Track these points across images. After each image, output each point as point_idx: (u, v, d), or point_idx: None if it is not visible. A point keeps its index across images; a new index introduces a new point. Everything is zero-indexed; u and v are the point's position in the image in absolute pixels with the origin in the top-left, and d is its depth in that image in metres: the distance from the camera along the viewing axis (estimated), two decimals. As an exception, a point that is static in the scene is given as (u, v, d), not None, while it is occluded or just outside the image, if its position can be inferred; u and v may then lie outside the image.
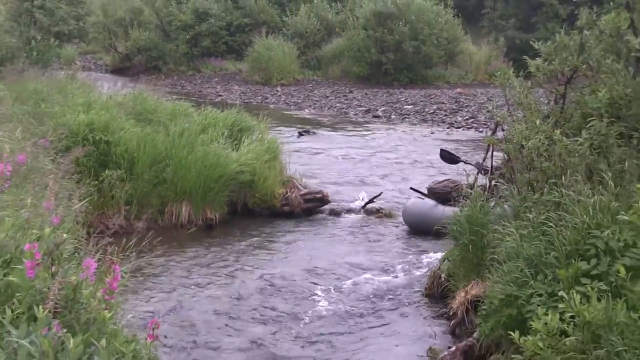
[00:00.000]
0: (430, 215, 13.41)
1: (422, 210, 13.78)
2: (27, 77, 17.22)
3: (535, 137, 9.41)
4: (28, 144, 9.66)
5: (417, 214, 13.85)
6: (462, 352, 8.83)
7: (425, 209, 13.73)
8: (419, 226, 13.65)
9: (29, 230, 4.88)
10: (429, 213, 13.50)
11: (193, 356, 9.07)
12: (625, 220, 7.38)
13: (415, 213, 13.89)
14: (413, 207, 14.07)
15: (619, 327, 6.39)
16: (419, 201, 14.12)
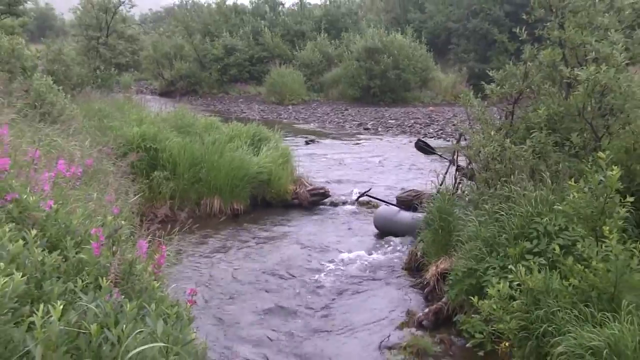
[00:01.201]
0: (395, 220, 12.80)
1: (389, 216, 12.98)
2: (93, 98, 17.23)
3: (490, 145, 9.42)
4: (94, 151, 9.66)
5: (385, 219, 13.03)
6: (434, 313, 8.84)
7: (392, 214, 12.96)
8: (388, 229, 12.95)
9: (95, 218, 4.88)
10: (394, 218, 12.83)
11: (222, 315, 9.08)
12: (560, 209, 7.39)
13: (384, 218, 13.07)
14: (382, 213, 13.20)
15: (554, 292, 6.43)
16: (387, 208, 13.29)
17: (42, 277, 3.21)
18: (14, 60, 12.86)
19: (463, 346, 8.05)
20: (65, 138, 9.45)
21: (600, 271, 6.26)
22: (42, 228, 3.94)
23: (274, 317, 9.13)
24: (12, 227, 3.31)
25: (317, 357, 8.10)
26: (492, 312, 6.57)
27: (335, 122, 29.98)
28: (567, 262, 6.47)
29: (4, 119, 6.85)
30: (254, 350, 8.16)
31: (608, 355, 5.75)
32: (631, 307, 6.13)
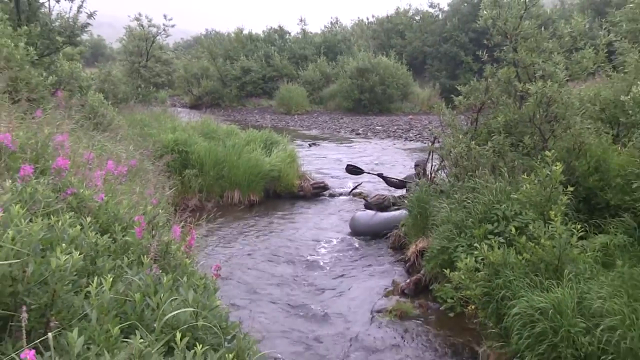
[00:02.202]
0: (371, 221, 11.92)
1: (365, 219, 12.02)
2: (135, 111, 17.25)
3: (459, 146, 9.42)
4: (137, 153, 9.68)
5: (362, 223, 11.99)
6: (414, 283, 8.86)
7: (368, 217, 12.01)
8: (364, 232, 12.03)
9: (137, 208, 4.89)
10: (370, 221, 11.90)
11: (241, 285, 9.11)
12: (515, 198, 7.43)
13: (360, 222, 12.00)
14: (354, 217, 12.24)
15: (510, 265, 6.43)
16: (363, 212, 12.33)
17: (95, 255, 3.23)
18: (73, 81, 12.86)
19: (437, 309, 8.07)
20: (113, 143, 9.47)
21: (547, 247, 6.28)
22: (96, 216, 3.96)
23: (283, 286, 9.16)
24: (71, 215, 3.32)
25: (319, 316, 8.13)
26: (461, 282, 6.58)
27: (332, 128, 29.95)
28: (521, 241, 6.48)
29: (65, 129, 6.85)
30: (267, 312, 8.19)
31: (552, 314, 5.77)
32: (571, 275, 6.16)
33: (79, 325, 2.37)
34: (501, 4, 9.81)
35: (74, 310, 2.56)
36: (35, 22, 12.51)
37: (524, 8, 9.46)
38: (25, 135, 5.01)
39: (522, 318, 5.95)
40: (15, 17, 12.50)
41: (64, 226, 3.09)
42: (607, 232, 7.30)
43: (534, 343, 5.85)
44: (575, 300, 5.85)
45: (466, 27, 39.53)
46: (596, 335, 5.63)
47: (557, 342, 5.73)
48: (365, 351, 7.15)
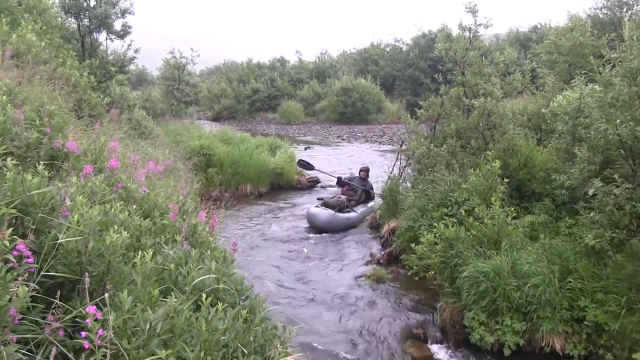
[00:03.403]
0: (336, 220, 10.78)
1: (326, 217, 10.71)
2: (170, 123, 17.19)
3: (421, 148, 9.45)
4: (171, 156, 9.66)
5: (322, 220, 10.72)
6: (387, 254, 8.88)
7: (329, 216, 10.73)
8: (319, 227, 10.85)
9: (172, 198, 4.90)
10: (332, 221, 10.72)
11: (252, 258, 9.10)
12: (464, 187, 7.45)
13: (321, 220, 10.72)
14: (315, 213, 10.83)
15: (461, 239, 6.48)
16: (319, 209, 10.91)
17: (140, 234, 3.23)
18: (122, 101, 12.85)
19: (405, 274, 8.09)
20: (153, 148, 9.46)
21: (489, 225, 6.32)
22: (140, 204, 3.95)
23: (285, 259, 9.15)
24: (121, 204, 3.33)
25: (313, 281, 8.15)
26: (424, 253, 6.61)
27: (323, 135, 29.89)
28: (469, 220, 6.52)
29: (116, 137, 6.84)
30: (273, 278, 8.20)
31: (493, 276, 5.83)
32: (507, 246, 6.22)
33: (128, 288, 2.38)
34: (452, 38, 9.83)
35: (124, 277, 2.57)
36: (95, 57, 12.62)
37: (468, 42, 9.48)
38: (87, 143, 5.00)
39: (470, 280, 6.00)
40: (80, 54, 12.64)
41: (116, 212, 3.10)
42: (533, 213, 7.37)
43: (479, 298, 5.91)
44: (510, 265, 5.92)
45: (425, 56, 39.51)
46: (525, 291, 5.70)
47: (496, 297, 5.79)
48: (349, 306, 7.18)
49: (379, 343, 6.21)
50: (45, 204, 2.70)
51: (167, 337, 2.23)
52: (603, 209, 5.66)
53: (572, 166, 6.59)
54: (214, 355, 2.21)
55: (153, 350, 2.08)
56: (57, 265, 2.43)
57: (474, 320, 5.86)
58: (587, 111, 6.79)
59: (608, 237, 5.58)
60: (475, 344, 5.82)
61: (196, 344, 2.19)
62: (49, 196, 2.74)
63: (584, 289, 5.76)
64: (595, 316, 5.54)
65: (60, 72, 8.62)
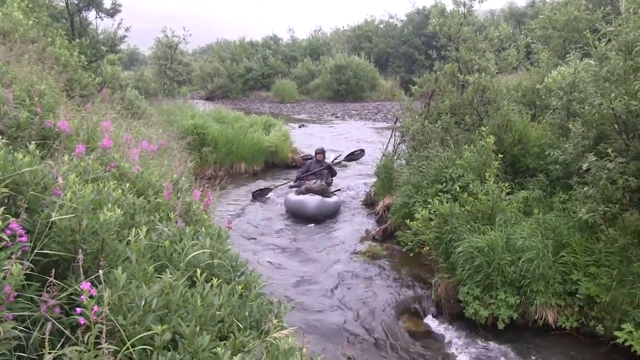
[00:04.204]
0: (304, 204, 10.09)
1: (315, 204, 9.96)
2: (163, 103, 17.07)
3: (415, 124, 9.42)
4: (164, 135, 9.62)
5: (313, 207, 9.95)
6: (382, 230, 8.93)
7: (318, 202, 10.01)
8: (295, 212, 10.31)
9: (166, 177, 4.89)
10: (322, 206, 10.05)
11: (247, 235, 9.16)
12: (459, 163, 7.45)
13: (311, 206, 9.96)
14: (303, 201, 10.10)
15: (455, 215, 6.47)
16: (305, 196, 10.18)
17: (133, 212, 3.23)
18: (114, 81, 12.72)
19: (400, 251, 8.15)
20: (146, 128, 9.39)
21: (483, 201, 6.34)
22: (133, 183, 3.94)
23: (279, 238, 9.19)
24: (114, 182, 3.32)
25: (309, 257, 8.20)
26: (418, 229, 6.62)
27: (317, 113, 29.77)
28: (463, 196, 6.53)
29: (109, 117, 6.80)
30: (268, 256, 8.24)
31: (487, 251, 5.87)
32: (501, 221, 6.26)
33: (122, 265, 2.39)
34: (446, 14, 9.77)
35: (119, 254, 2.58)
36: (85, 36, 12.48)
37: (463, 17, 9.41)
38: (79, 123, 4.97)
39: (464, 255, 6.05)
40: (70, 33, 12.52)
41: (109, 190, 3.10)
42: (527, 189, 7.40)
43: (473, 273, 5.96)
44: (504, 240, 5.96)
45: (419, 32, 39.15)
46: (519, 265, 5.76)
47: (490, 272, 5.84)
48: (344, 283, 7.23)
49: (375, 318, 6.28)
50: (37, 182, 2.69)
51: (162, 313, 2.25)
52: (596, 184, 5.69)
53: (566, 141, 6.59)
54: (209, 330, 2.23)
55: (149, 325, 2.09)
56: (51, 244, 2.43)
57: (469, 295, 5.92)
58: (582, 86, 6.78)
59: (601, 211, 5.61)
60: (469, 318, 5.89)
61: (191, 320, 2.21)
62: (41, 174, 2.72)
63: (576, 262, 5.84)
64: (587, 289, 5.62)
65: (50, 51, 8.53)
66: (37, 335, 2.04)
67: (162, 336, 2.04)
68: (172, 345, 2.11)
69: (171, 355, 1.96)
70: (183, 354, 2.03)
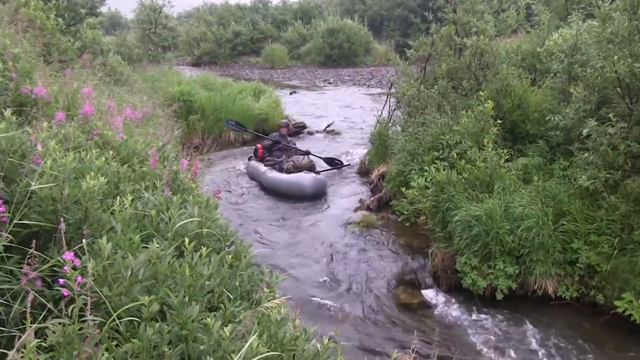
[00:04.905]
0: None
1: (311, 180, 9.47)
2: (147, 69, 16.85)
3: (411, 90, 9.37)
4: (149, 103, 9.52)
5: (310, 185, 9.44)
6: (377, 200, 8.96)
7: (314, 179, 9.55)
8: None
9: (151, 145, 4.83)
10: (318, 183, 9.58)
11: (237, 206, 9.16)
12: (456, 130, 7.44)
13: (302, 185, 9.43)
14: (300, 180, 9.53)
15: (453, 183, 6.48)
16: (300, 174, 9.64)
17: (118, 181, 3.20)
18: (95, 45, 12.50)
19: (396, 220, 8.18)
20: (130, 95, 9.27)
21: (481, 168, 6.34)
22: (117, 151, 3.90)
23: (270, 208, 9.20)
24: (97, 151, 3.28)
25: (301, 227, 8.22)
26: (414, 197, 6.63)
27: (309, 79, 29.55)
28: (461, 163, 6.52)
29: (90, 83, 6.69)
30: (258, 227, 8.25)
31: (485, 220, 5.89)
32: (499, 189, 6.27)
33: (107, 235, 2.36)
34: (442, -27, 9.63)
35: (103, 224, 2.55)
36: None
37: (461, -24, 9.30)
38: (58, 89, 4.89)
39: (462, 224, 6.07)
40: (45, -7, 12.19)
41: (92, 158, 3.05)
42: (527, 155, 7.39)
43: (471, 243, 5.99)
44: (503, 208, 5.98)
45: (415, -6, 38.85)
46: (517, 234, 5.79)
47: (489, 241, 5.87)
48: (338, 254, 7.26)
49: (369, 290, 6.32)
50: (14, 150, 2.63)
51: (149, 284, 2.23)
52: (597, 150, 5.69)
53: (567, 106, 6.57)
54: (198, 300, 2.22)
55: (135, 296, 2.08)
56: (31, 214, 2.39)
57: (466, 265, 5.96)
58: (584, 48, 6.74)
59: (602, 178, 5.63)
60: (467, 289, 5.94)
61: (180, 290, 2.20)
62: (19, 142, 2.67)
63: (577, 231, 5.88)
64: (588, 258, 5.67)
65: (23, 13, 8.32)
66: (18, 309, 2.02)
67: (150, 307, 2.02)
68: (160, 316, 2.10)
69: (159, 327, 1.95)
70: (172, 325, 2.02)
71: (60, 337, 1.81)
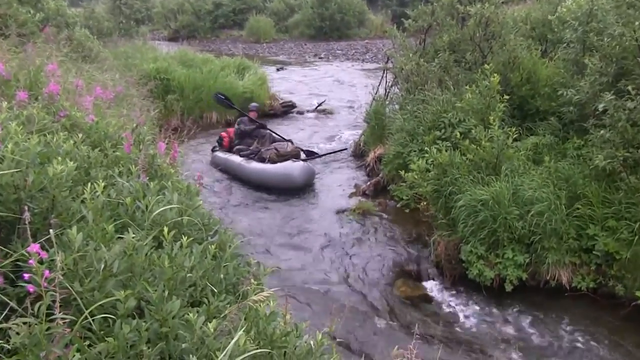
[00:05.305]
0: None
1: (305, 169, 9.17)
2: (119, 44, 16.72)
3: (410, 64, 9.36)
4: (122, 82, 9.46)
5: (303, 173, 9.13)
6: (374, 185, 8.98)
7: (306, 167, 9.21)
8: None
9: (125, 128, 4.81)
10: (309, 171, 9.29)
11: (219, 191, 9.21)
12: (459, 107, 7.44)
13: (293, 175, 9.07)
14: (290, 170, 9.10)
15: (456, 165, 6.48)
16: (289, 163, 9.20)
17: (88, 166, 3.19)
18: (59, 17, 12.39)
19: (395, 206, 8.21)
20: (100, 73, 9.21)
21: (487, 148, 6.35)
22: (87, 134, 3.88)
23: (258, 195, 9.18)
24: (65, 134, 3.26)
25: (290, 218, 8.22)
26: (414, 181, 6.61)
27: (297, 54, 29.43)
28: (465, 144, 6.53)
29: (55, 60, 6.63)
30: (245, 216, 8.25)
31: (492, 204, 5.91)
32: (507, 171, 6.28)
33: (77, 225, 2.35)
34: None
35: (73, 213, 2.53)
36: (18, -38, 12.00)
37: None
38: (18, 66, 4.84)
39: (466, 209, 6.09)
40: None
41: (59, 142, 3.03)
42: (537, 134, 7.42)
43: (477, 230, 6.02)
44: (511, 191, 6.00)
45: (414, -42, 38.70)
46: (528, 220, 5.81)
47: (496, 227, 5.90)
48: (332, 244, 7.28)
49: (367, 282, 6.35)
50: (-30, 132, 2.62)
51: (125, 277, 2.22)
52: (615, 126, 5.70)
53: (582, 79, 6.58)
54: (179, 295, 2.21)
55: (110, 291, 2.07)
56: (-8, 204, 2.38)
57: (472, 254, 5.98)
58: (601, 15, 6.73)
59: (620, 157, 5.65)
60: (473, 280, 5.97)
61: (159, 284, 2.19)
62: (-25, 123, 2.65)
63: (593, 215, 5.89)
64: (605, 245, 5.69)
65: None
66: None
67: (126, 303, 2.01)
68: (137, 313, 2.09)
69: (136, 324, 1.94)
70: (150, 322, 2.01)
71: (26, 338, 1.80)
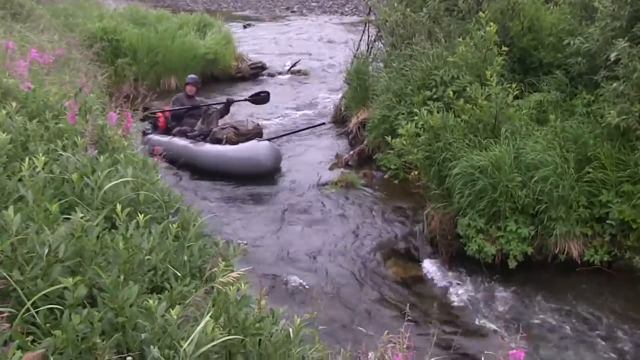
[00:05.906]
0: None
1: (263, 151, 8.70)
2: (57, 1, 16.49)
3: (394, 15, 9.33)
4: (62, 43, 9.33)
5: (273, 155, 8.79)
6: (357, 154, 9.02)
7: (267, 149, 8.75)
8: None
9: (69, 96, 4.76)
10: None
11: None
12: (452, 62, 7.45)
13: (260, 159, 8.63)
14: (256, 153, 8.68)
15: (450, 127, 6.51)
16: (252, 143, 8.77)
17: (26, 140, 3.16)
18: (-20, -31, 12.11)
19: (382, 177, 8.25)
20: (36, 34, 9.06)
21: (484, 108, 6.39)
22: (23, 104, 3.84)
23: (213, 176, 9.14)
24: (-4, 104, 3.23)
25: (264, 195, 8.24)
26: (403, 147, 6.63)
27: (267, 7, 29.22)
28: (459, 103, 6.55)
29: (-21, 19, 6.53)
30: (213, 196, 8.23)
31: (491, 171, 5.95)
32: (507, 133, 6.32)
33: (15, 206, 2.33)
34: None
35: (9, 192, 2.52)
36: None
37: None
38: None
39: (463, 177, 6.13)
40: None
41: (-12, 112, 3.00)
42: (541, 90, 7.45)
43: (475, 200, 6.06)
44: (513, 156, 6.05)
45: None
46: (531, 187, 5.86)
47: (497, 197, 5.95)
48: (313, 222, 7.31)
49: (354, 264, 6.38)
50: None
51: (73, 263, 2.22)
52: (630, 77, 5.73)
53: (591, 25, 6.60)
54: (137, 280, 2.22)
55: (56, 279, 2.06)
56: None
57: (470, 228, 6.03)
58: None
59: (636, 112, 5.69)
60: (472, 257, 6.03)
61: (113, 268, 2.19)
62: None
63: (606, 180, 5.94)
64: (620, 212, 5.75)
65: None
66: None
67: (75, 291, 2.01)
68: (89, 302, 2.09)
69: (88, 314, 1.94)
70: (104, 311, 2.01)
71: (-43, 336, 1.80)
